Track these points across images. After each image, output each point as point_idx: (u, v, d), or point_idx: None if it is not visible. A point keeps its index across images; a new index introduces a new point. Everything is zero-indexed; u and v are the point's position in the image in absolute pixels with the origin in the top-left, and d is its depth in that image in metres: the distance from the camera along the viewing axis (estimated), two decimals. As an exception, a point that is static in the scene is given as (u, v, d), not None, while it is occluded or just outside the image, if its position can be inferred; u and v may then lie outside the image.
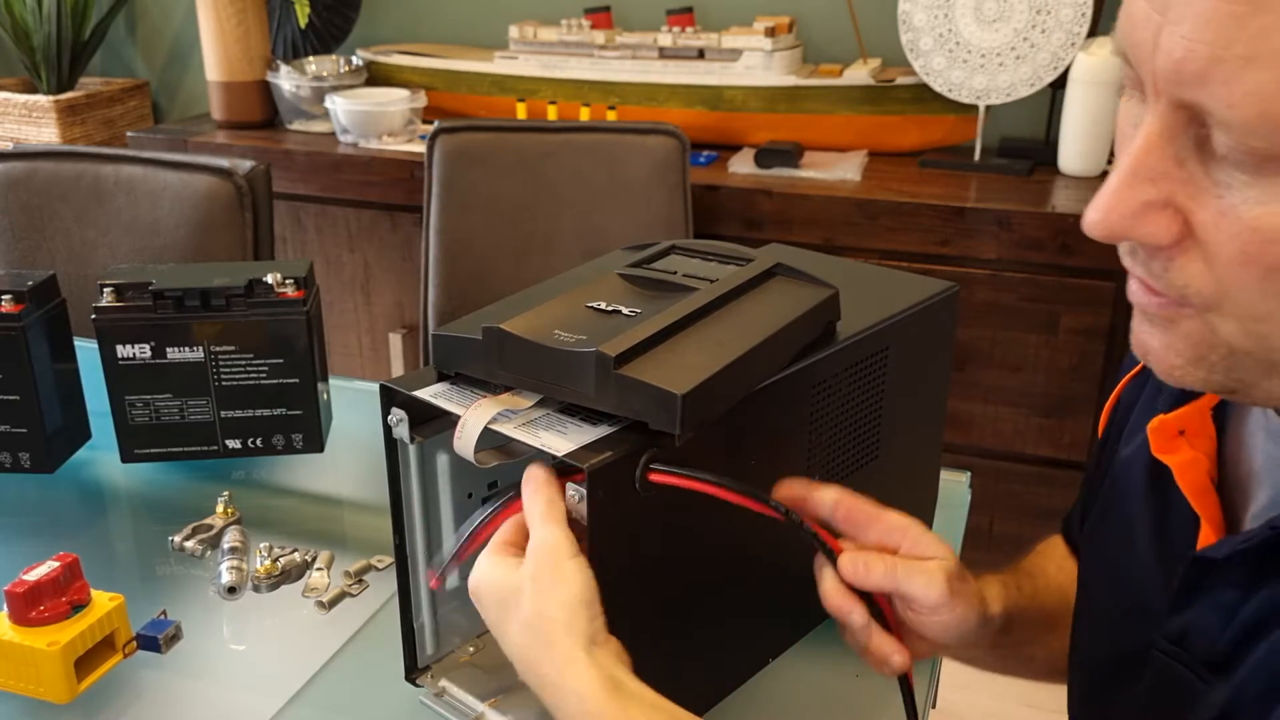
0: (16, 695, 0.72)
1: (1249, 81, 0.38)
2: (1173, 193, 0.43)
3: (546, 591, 0.55)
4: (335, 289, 2.06)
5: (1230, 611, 0.50)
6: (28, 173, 1.52)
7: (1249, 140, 0.40)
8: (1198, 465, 0.55)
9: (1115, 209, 0.44)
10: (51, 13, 2.27)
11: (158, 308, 0.94)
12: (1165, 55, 0.41)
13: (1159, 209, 0.43)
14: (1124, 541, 0.61)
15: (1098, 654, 0.64)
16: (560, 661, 0.54)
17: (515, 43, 2.07)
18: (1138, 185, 0.43)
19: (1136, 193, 0.43)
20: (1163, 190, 0.43)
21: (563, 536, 0.56)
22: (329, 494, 1.01)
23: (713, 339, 0.63)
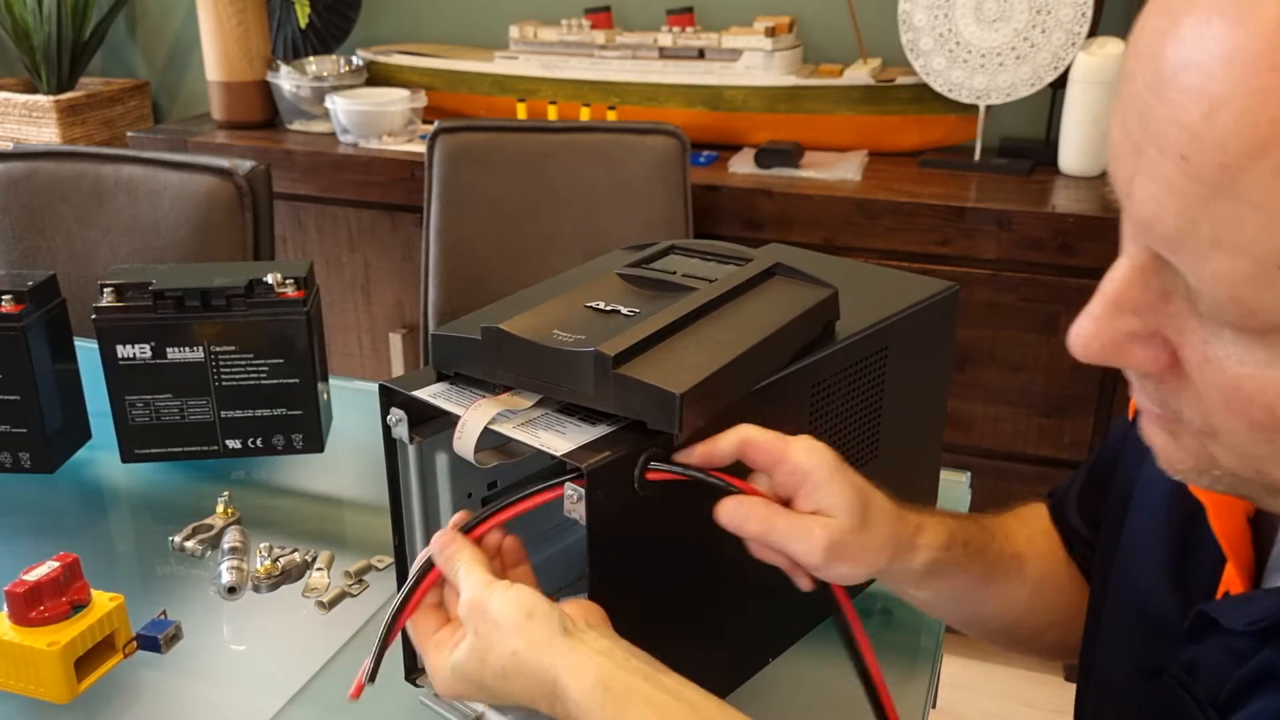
0: (17, 695, 0.72)
1: (1217, 264, 0.36)
2: (1159, 325, 0.40)
3: (495, 635, 0.54)
4: (335, 289, 2.06)
5: (1239, 656, 0.49)
6: (28, 173, 1.52)
7: (1221, 315, 0.38)
8: (1234, 509, 0.52)
9: (1097, 338, 0.41)
10: (52, 13, 2.27)
11: (158, 308, 0.94)
12: (1137, 207, 0.38)
13: (1145, 339, 0.41)
14: (1144, 564, 0.59)
15: (1112, 671, 0.63)
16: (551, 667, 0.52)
17: (515, 43, 2.07)
18: (1120, 316, 0.41)
19: (1119, 323, 0.41)
20: (1148, 322, 0.41)
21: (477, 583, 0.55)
22: (329, 494, 1.01)
23: (712, 339, 0.63)
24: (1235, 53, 0.33)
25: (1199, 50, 0.34)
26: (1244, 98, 0.33)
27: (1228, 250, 0.35)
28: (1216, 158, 0.34)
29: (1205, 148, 0.34)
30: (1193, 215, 0.35)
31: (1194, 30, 0.35)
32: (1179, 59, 0.35)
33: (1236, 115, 0.33)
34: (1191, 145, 0.35)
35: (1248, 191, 0.34)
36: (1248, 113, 0.33)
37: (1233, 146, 0.34)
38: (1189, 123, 0.35)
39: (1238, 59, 0.33)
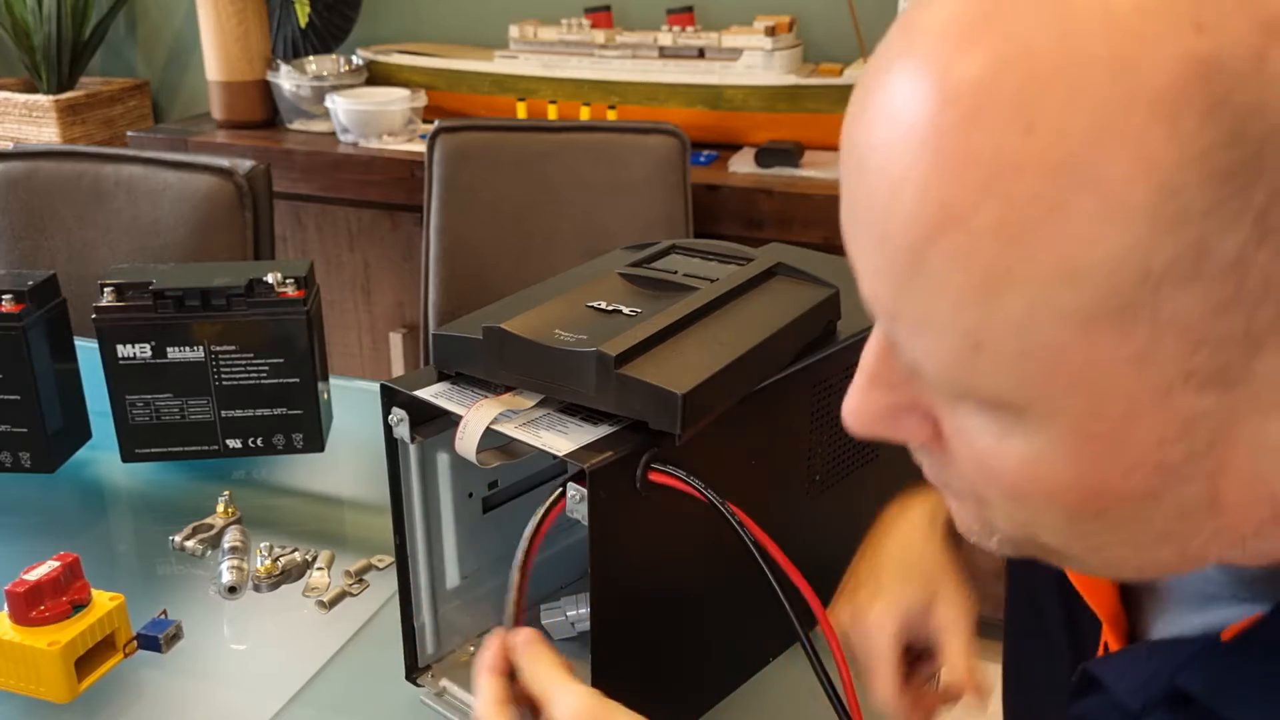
0: (17, 695, 0.72)
1: (926, 343, 0.35)
2: (916, 397, 0.39)
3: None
4: (335, 288, 2.06)
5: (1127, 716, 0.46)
6: (28, 172, 1.52)
7: (944, 390, 0.37)
8: None
9: (863, 413, 0.40)
10: (52, 12, 2.27)
11: (158, 307, 0.94)
12: (861, 285, 0.37)
13: (907, 411, 0.40)
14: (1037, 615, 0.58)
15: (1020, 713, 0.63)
16: None
17: (515, 42, 2.07)
18: (878, 390, 0.40)
19: (879, 397, 0.40)
20: (905, 394, 0.39)
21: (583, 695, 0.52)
22: (329, 494, 1.01)
23: (713, 338, 0.63)
24: (909, 133, 0.33)
25: (883, 129, 0.34)
26: (919, 179, 0.32)
27: (930, 329, 0.34)
28: (904, 239, 0.33)
29: (895, 229, 0.34)
30: (897, 295, 0.35)
31: (878, 110, 0.34)
32: (869, 138, 0.35)
33: (914, 197, 0.33)
34: (885, 226, 0.34)
35: (933, 272, 0.33)
36: (923, 195, 0.32)
37: (915, 228, 0.33)
38: (881, 203, 0.34)
39: (911, 140, 0.33)
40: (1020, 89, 0.31)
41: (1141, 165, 0.30)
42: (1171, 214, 0.30)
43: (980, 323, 0.33)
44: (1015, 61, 0.31)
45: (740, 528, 0.57)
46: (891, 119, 0.34)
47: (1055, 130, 0.30)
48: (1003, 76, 0.31)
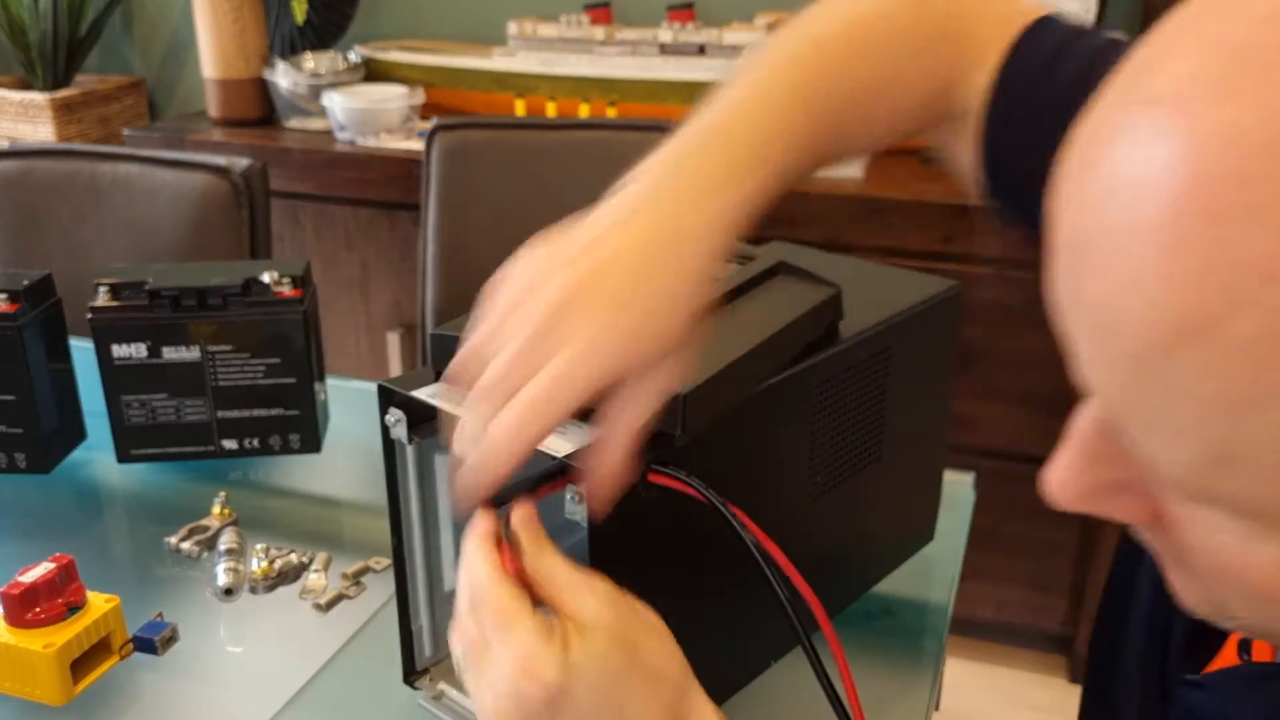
0: (12, 697, 0.71)
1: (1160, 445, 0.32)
2: (1136, 476, 0.35)
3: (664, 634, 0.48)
4: (333, 288, 2.05)
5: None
6: (23, 171, 1.51)
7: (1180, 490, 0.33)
8: None
9: (1071, 488, 0.37)
10: (47, 10, 2.26)
11: (154, 307, 0.94)
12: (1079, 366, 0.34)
13: (1123, 489, 0.36)
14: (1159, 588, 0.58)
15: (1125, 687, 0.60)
16: None
17: (514, 39, 2.07)
18: (1091, 466, 0.36)
19: (1090, 474, 0.37)
20: (1124, 472, 0.35)
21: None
22: (326, 495, 1.00)
23: (715, 338, 0.62)
24: (1145, 227, 0.29)
25: (1115, 212, 0.30)
26: (1157, 281, 0.29)
27: (1168, 434, 0.31)
28: (1137, 342, 0.30)
29: (1125, 329, 0.30)
30: (1127, 393, 0.31)
31: (1111, 184, 0.30)
32: (1097, 219, 0.30)
33: (1152, 300, 0.29)
34: (1113, 323, 0.30)
35: (1175, 380, 0.29)
36: (1163, 298, 0.29)
37: (1152, 333, 0.29)
38: (1108, 298, 0.30)
39: (1148, 234, 0.29)
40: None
41: None
42: None
43: (1229, 436, 0.29)
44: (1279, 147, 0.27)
45: (741, 529, 0.57)
46: (1125, 202, 0.30)
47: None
48: (1268, 165, 0.27)
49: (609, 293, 0.47)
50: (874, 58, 0.58)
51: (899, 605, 0.82)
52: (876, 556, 0.84)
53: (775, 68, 0.57)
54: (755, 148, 0.51)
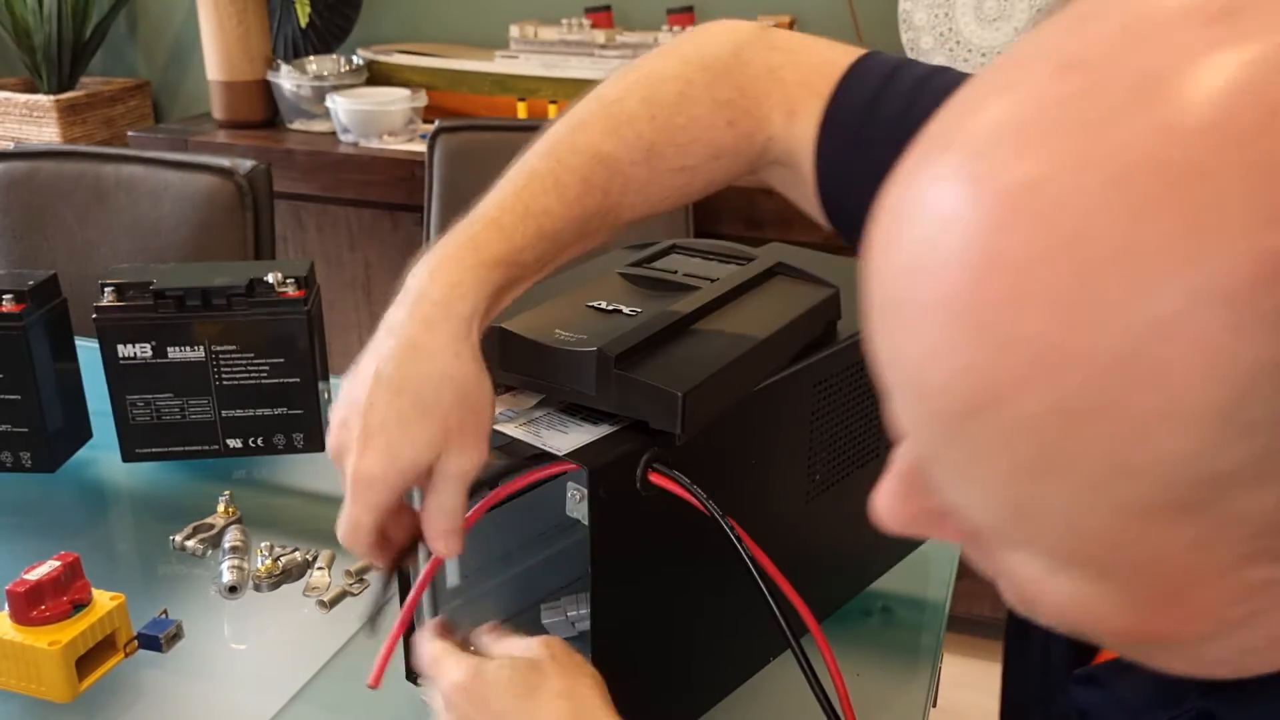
0: (18, 694, 0.72)
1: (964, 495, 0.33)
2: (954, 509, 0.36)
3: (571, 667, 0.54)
4: (336, 288, 2.05)
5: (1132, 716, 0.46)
6: (29, 172, 1.52)
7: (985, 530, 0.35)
8: None
9: (896, 517, 0.38)
10: (52, 12, 2.27)
11: (159, 307, 0.94)
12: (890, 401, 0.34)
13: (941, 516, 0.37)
14: None
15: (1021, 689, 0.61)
16: None
17: (516, 42, 2.07)
18: (911, 497, 0.37)
19: (912, 504, 0.38)
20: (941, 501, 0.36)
21: None
22: (330, 493, 1.00)
23: (713, 338, 0.63)
24: (944, 302, 0.29)
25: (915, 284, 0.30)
26: (954, 354, 0.29)
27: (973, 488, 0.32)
28: (938, 405, 0.31)
29: (927, 392, 0.31)
30: (934, 446, 0.33)
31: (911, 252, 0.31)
32: (901, 288, 0.31)
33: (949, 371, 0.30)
34: (918, 384, 0.31)
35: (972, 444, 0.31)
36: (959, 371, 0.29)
37: (951, 400, 0.30)
38: (912, 361, 0.31)
39: (946, 309, 0.29)
40: (1077, 274, 0.27)
41: (1210, 367, 0.26)
42: (1240, 423, 0.27)
43: (1026, 497, 0.31)
44: (1071, 239, 0.27)
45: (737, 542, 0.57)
46: (925, 276, 0.30)
47: (1115, 322, 0.27)
48: (1056, 257, 0.27)
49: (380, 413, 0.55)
50: (658, 117, 0.62)
51: (897, 602, 0.83)
52: (874, 554, 0.84)
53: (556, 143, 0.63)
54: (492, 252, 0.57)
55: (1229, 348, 0.26)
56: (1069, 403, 0.28)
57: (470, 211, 0.59)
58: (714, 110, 0.62)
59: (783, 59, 0.64)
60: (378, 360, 0.55)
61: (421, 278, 0.57)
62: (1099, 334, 0.27)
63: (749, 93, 0.63)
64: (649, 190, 0.62)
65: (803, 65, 0.63)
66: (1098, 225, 0.27)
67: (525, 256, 0.57)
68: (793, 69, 0.63)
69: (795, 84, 0.63)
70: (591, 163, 0.60)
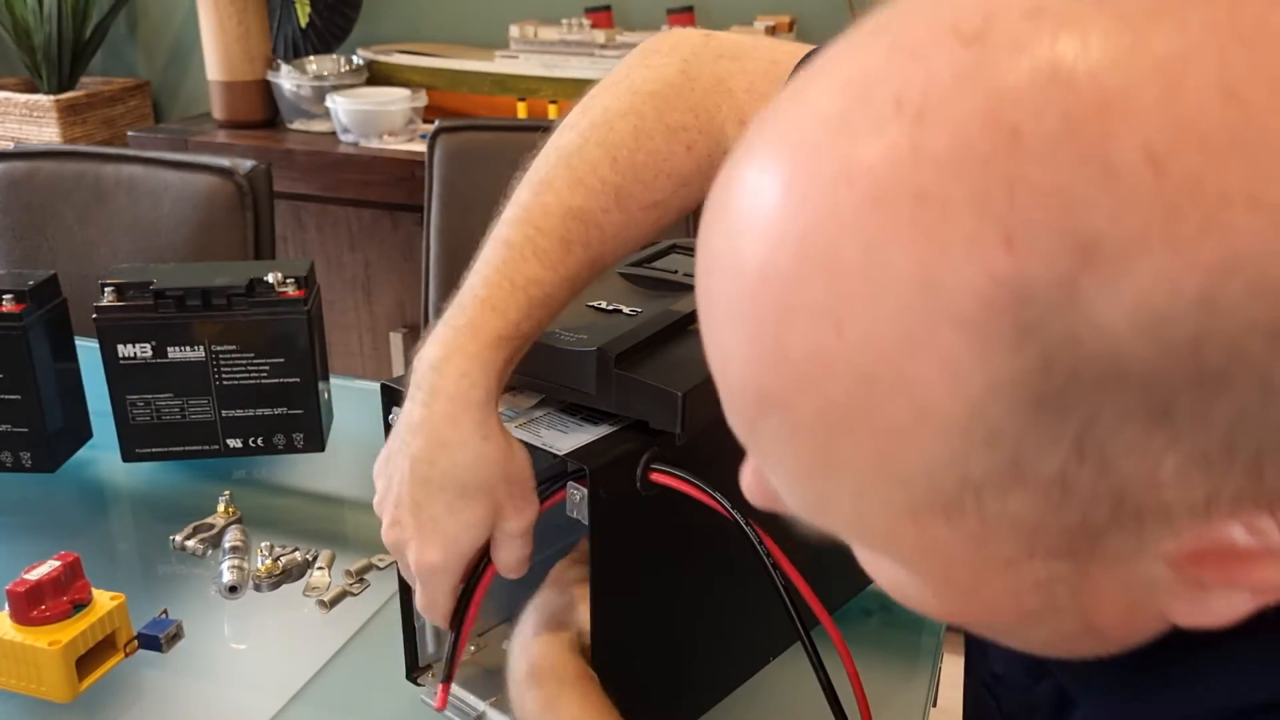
0: (18, 694, 0.72)
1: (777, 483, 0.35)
2: None
3: None
4: (336, 288, 2.06)
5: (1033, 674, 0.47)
6: (29, 172, 1.52)
7: None
8: None
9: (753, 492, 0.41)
10: (52, 12, 2.27)
11: (159, 307, 0.94)
12: None
13: None
14: None
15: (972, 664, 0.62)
16: None
17: (516, 42, 2.07)
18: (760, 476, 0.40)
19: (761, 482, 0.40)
20: None
21: None
22: (330, 493, 1.01)
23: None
24: (730, 312, 0.31)
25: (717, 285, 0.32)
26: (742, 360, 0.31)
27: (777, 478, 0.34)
28: (739, 403, 0.33)
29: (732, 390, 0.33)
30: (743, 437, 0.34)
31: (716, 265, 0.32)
32: (708, 290, 0.33)
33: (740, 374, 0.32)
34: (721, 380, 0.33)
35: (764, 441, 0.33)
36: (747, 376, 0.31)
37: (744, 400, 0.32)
38: (715, 357, 0.33)
39: (732, 319, 0.31)
40: (827, 288, 0.28)
41: (951, 383, 0.27)
42: (982, 435, 0.28)
43: (812, 495, 0.33)
44: (820, 258, 0.28)
45: (747, 528, 0.57)
46: (720, 284, 0.32)
47: (864, 335, 0.28)
48: (810, 273, 0.28)
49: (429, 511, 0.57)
50: (620, 159, 0.62)
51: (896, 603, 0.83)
52: (875, 555, 0.84)
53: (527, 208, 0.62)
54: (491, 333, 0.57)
55: (965, 365, 0.27)
56: (832, 412, 0.30)
57: (457, 294, 0.60)
58: (670, 138, 0.62)
59: (729, 67, 0.64)
60: (410, 462, 0.56)
61: (429, 374, 0.56)
62: (851, 348, 0.28)
63: (700, 112, 0.63)
64: (626, 234, 0.62)
65: (750, 71, 0.64)
66: (850, 245, 0.28)
67: (523, 328, 0.57)
68: (741, 76, 0.64)
69: (743, 92, 0.63)
70: (566, 220, 0.60)
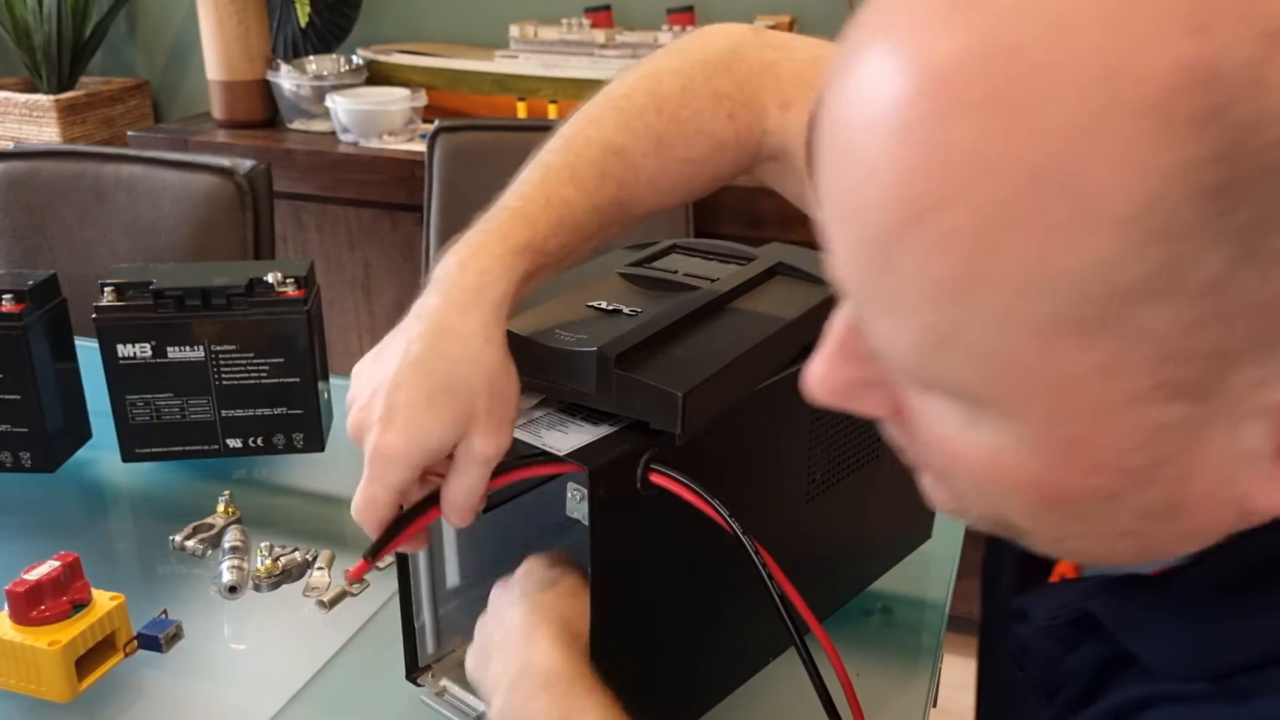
0: (18, 694, 0.72)
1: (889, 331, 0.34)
2: (882, 374, 0.38)
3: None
4: (336, 288, 2.06)
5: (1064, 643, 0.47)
6: (28, 172, 1.52)
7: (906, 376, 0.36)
8: None
9: (825, 383, 0.40)
10: (52, 12, 2.27)
11: (158, 307, 0.94)
12: (830, 260, 0.36)
13: (872, 386, 0.39)
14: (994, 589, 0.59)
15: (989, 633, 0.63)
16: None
17: (516, 42, 2.07)
18: (845, 363, 0.39)
19: (843, 370, 0.39)
20: (870, 370, 0.38)
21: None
22: (330, 493, 1.01)
23: (714, 338, 0.63)
24: (882, 119, 0.31)
25: (855, 111, 0.32)
26: (889, 170, 0.31)
27: (895, 320, 0.34)
28: (871, 229, 0.32)
29: (863, 217, 0.33)
30: (863, 281, 0.34)
31: (851, 88, 0.32)
32: (840, 116, 0.33)
33: (884, 188, 0.31)
34: (854, 212, 0.33)
35: (900, 266, 0.32)
36: (894, 186, 0.31)
37: (883, 220, 0.32)
38: (850, 187, 0.33)
39: (884, 126, 0.31)
40: (1002, 84, 0.29)
41: (1125, 176, 0.28)
42: (1151, 230, 0.28)
43: (944, 320, 0.32)
44: (998, 53, 0.29)
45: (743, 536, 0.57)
46: (866, 102, 0.32)
47: (1036, 131, 0.28)
48: (984, 68, 0.29)
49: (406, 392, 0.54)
50: (664, 109, 0.64)
51: (897, 603, 0.83)
52: (874, 554, 0.84)
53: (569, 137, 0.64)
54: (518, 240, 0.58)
55: (1143, 155, 0.27)
56: (989, 213, 0.29)
57: (490, 207, 0.61)
58: (715, 103, 0.65)
59: (777, 56, 0.67)
60: (407, 341, 0.55)
61: (451, 267, 0.57)
62: (1018, 143, 0.28)
63: (746, 87, 0.66)
64: (659, 182, 0.64)
65: (796, 61, 0.67)
66: (1022, 37, 0.28)
67: (549, 245, 0.58)
68: (787, 64, 0.67)
69: (789, 78, 0.66)
70: (605, 154, 0.62)
